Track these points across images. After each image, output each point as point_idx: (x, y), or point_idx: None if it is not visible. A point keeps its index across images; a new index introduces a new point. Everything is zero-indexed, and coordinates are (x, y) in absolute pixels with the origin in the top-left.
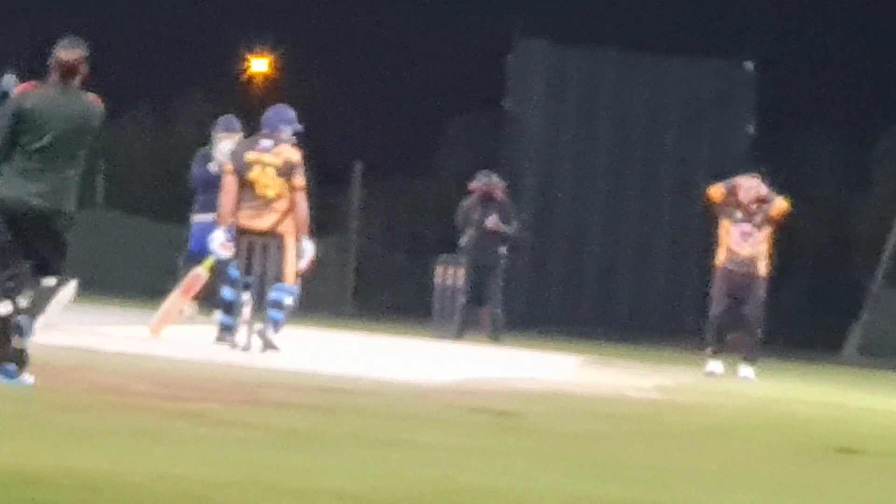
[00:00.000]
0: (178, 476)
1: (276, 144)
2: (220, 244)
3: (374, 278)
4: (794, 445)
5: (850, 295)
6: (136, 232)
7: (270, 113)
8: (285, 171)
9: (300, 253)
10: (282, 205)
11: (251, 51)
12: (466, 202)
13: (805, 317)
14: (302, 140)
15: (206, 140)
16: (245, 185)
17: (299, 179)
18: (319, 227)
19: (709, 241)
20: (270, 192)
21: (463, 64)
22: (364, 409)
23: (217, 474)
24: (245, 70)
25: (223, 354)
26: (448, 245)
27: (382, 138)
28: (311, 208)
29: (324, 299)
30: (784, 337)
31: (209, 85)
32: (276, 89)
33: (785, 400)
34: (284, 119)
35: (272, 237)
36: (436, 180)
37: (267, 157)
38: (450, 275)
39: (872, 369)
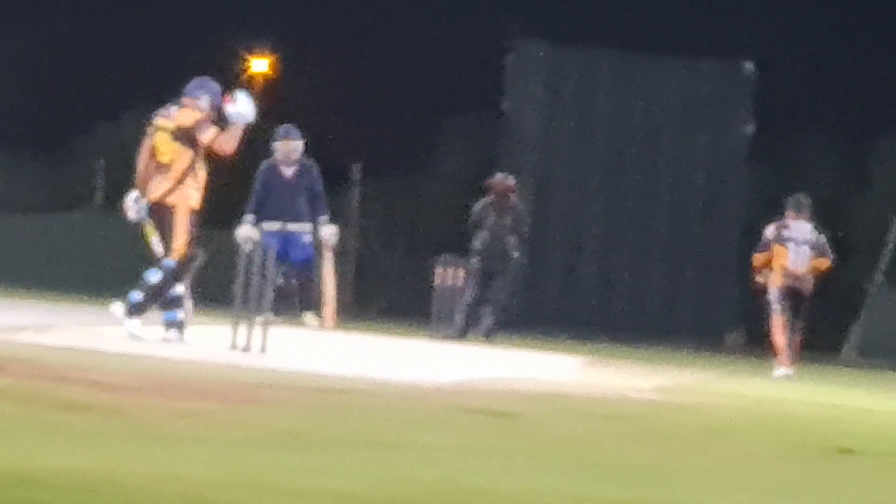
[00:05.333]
0: (176, 476)
1: (179, 109)
2: (128, 205)
3: (373, 279)
4: (793, 446)
5: (849, 295)
6: (137, 233)
7: (190, 83)
8: (179, 136)
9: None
10: (174, 174)
11: (251, 51)
12: (480, 203)
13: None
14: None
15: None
16: (153, 153)
17: (203, 137)
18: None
19: (707, 241)
20: (164, 158)
21: (461, 65)
22: (363, 410)
23: (216, 475)
24: (245, 70)
25: (222, 355)
26: (447, 245)
27: (381, 139)
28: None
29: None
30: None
31: None
32: (276, 90)
33: (784, 400)
34: (204, 87)
35: (163, 208)
36: (434, 181)
37: (165, 122)
38: (449, 275)
39: (871, 370)
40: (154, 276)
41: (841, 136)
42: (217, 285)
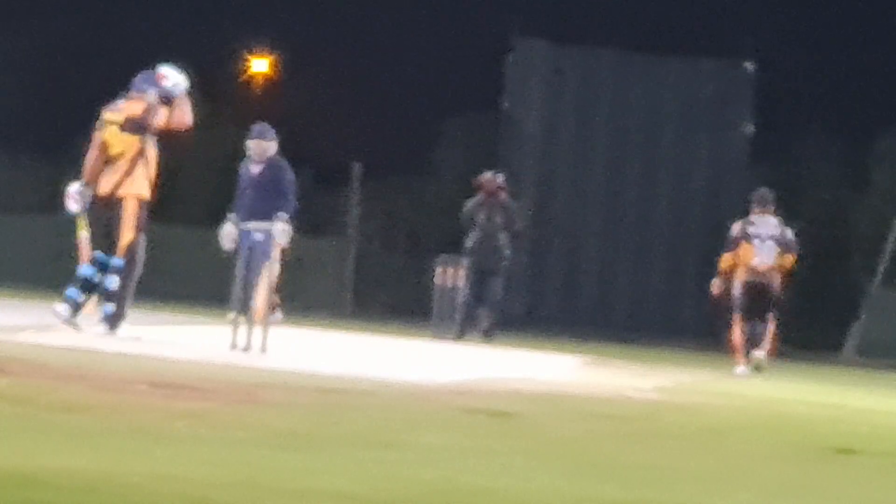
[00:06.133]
0: (176, 476)
1: (126, 102)
2: (71, 196)
3: (373, 279)
4: (792, 445)
5: (849, 295)
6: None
7: (136, 78)
8: (128, 126)
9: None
10: (123, 165)
11: (251, 51)
12: (470, 202)
13: (804, 317)
14: (300, 140)
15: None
16: (104, 148)
17: (158, 118)
18: (318, 227)
19: (707, 240)
20: (114, 150)
21: (461, 64)
22: (363, 410)
23: (216, 475)
24: (245, 70)
25: (222, 355)
26: (447, 245)
27: (381, 138)
28: (309, 208)
29: (323, 299)
30: (783, 337)
31: (209, 85)
32: (275, 90)
33: (784, 400)
34: (150, 81)
35: (113, 203)
36: (435, 180)
37: (114, 116)
38: (449, 275)
39: (871, 370)
40: (113, 283)
41: (841, 135)
42: (216, 285)
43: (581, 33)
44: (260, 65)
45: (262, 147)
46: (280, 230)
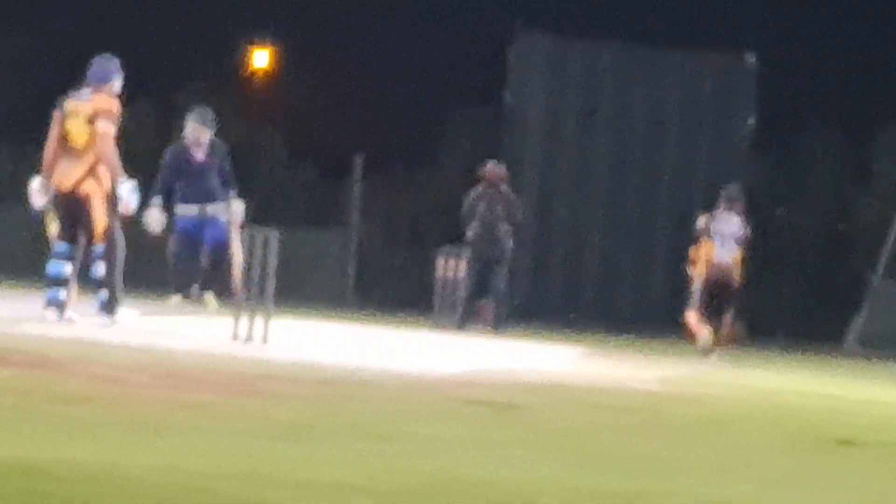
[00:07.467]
0: (178, 468)
1: (94, 93)
2: (34, 192)
3: (375, 271)
4: (793, 437)
5: (851, 287)
6: (137, 226)
7: (96, 65)
8: (92, 119)
9: (116, 199)
10: (88, 159)
11: (253, 44)
12: (471, 194)
13: (805, 309)
14: (303, 132)
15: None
16: (64, 138)
17: (102, 125)
18: (321, 219)
19: None
20: (79, 142)
21: (464, 57)
22: (363, 401)
23: (217, 466)
24: (247, 63)
25: (224, 346)
26: (449, 237)
27: (383, 131)
28: (312, 201)
29: (325, 291)
30: (784, 329)
31: (211, 79)
32: (277, 82)
33: (785, 391)
34: (114, 70)
35: (76, 198)
36: (437, 173)
37: (81, 106)
38: (451, 267)
39: (872, 361)
40: (100, 271)
41: (844, 128)
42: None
43: (583, 26)
44: (261, 57)
45: (203, 133)
46: (237, 209)
